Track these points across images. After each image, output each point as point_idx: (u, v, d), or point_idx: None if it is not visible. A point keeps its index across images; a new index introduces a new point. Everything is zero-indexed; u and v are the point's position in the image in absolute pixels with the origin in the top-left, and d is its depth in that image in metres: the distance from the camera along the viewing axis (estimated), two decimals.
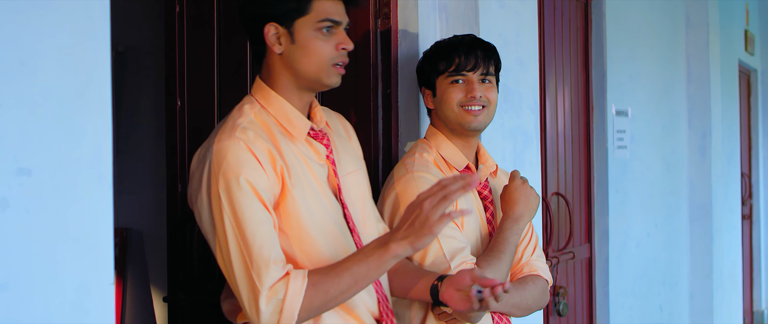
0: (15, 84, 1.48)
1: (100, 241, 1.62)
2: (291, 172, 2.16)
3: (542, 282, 2.69)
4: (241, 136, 2.11)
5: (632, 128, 4.94)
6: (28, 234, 1.50)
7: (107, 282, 1.63)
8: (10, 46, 1.48)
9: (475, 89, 2.64)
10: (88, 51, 1.61)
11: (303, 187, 2.19)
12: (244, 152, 2.10)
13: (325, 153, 2.29)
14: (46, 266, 1.53)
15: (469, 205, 2.65)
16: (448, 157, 2.68)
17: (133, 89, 4.33)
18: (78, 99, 1.59)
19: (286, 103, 2.23)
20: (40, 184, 1.51)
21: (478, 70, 2.65)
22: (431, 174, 2.58)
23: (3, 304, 1.45)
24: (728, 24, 7.11)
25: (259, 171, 2.10)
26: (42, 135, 1.52)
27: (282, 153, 2.17)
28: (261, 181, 2.10)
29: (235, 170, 2.08)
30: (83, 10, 1.60)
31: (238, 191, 2.07)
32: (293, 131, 2.23)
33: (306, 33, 2.19)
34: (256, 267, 2.05)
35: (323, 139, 2.30)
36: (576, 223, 4.41)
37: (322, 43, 2.20)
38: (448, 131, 2.70)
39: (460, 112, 2.65)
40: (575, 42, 4.44)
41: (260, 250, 2.06)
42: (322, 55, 2.20)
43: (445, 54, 2.68)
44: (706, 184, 5.91)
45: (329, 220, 2.24)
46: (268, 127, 2.20)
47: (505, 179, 2.80)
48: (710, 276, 5.90)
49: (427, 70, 2.73)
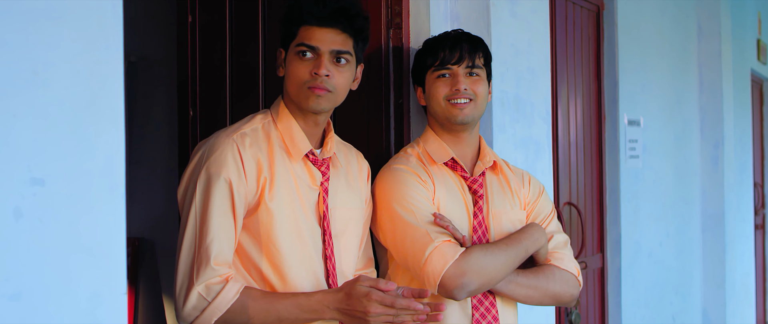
0: (28, 94, 1.48)
1: (112, 251, 1.62)
2: (274, 186, 2.27)
3: (561, 273, 2.66)
4: (237, 139, 2.25)
5: (644, 138, 4.92)
6: (41, 244, 1.50)
7: (120, 292, 1.63)
8: (24, 56, 1.48)
9: (460, 82, 2.66)
10: (101, 61, 1.61)
11: (282, 203, 2.28)
12: (233, 153, 2.22)
13: (319, 180, 2.38)
14: (59, 276, 1.53)
15: (456, 197, 2.66)
16: (432, 152, 2.71)
17: (146, 99, 4.34)
18: (91, 109, 1.59)
19: (294, 123, 2.35)
20: (53, 194, 1.52)
21: (463, 63, 2.67)
22: (408, 166, 2.63)
23: (16, 313, 1.45)
24: (741, 33, 7.09)
25: (241, 175, 2.22)
26: (55, 145, 1.53)
27: (273, 166, 2.28)
28: (239, 185, 2.22)
29: (218, 167, 2.21)
30: (96, 21, 1.60)
31: (216, 185, 2.20)
32: (292, 150, 2.33)
33: (290, 56, 2.34)
34: (199, 260, 2.17)
35: (322, 166, 2.39)
36: (588, 233, 4.40)
37: (296, 66, 2.31)
38: (438, 127, 2.73)
39: (447, 106, 2.67)
40: (587, 51, 4.44)
41: (210, 245, 2.17)
42: (296, 78, 2.31)
43: (432, 50, 2.72)
44: (718, 194, 5.89)
45: (302, 240, 2.32)
46: (270, 140, 2.32)
47: (511, 173, 2.80)
48: (723, 286, 5.87)
49: (417, 67, 2.77)
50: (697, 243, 5.84)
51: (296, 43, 2.32)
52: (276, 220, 2.27)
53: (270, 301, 2.21)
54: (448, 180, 2.68)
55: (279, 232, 2.27)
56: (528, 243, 2.59)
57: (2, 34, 1.45)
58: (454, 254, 2.46)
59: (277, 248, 2.27)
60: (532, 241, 2.60)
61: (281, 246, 2.27)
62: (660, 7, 5.28)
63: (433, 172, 2.66)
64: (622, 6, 4.67)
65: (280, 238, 2.27)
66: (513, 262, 2.55)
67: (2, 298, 1.44)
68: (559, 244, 2.72)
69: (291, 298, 2.22)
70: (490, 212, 2.69)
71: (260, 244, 2.27)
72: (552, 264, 2.67)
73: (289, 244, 2.28)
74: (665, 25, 5.39)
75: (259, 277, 2.27)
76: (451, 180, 2.68)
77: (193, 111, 3.23)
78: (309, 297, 2.22)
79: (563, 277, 2.66)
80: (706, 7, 5.93)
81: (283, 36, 2.37)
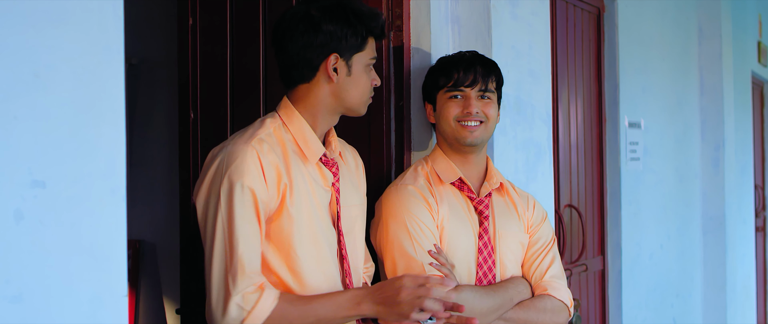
0: (29, 96, 1.49)
1: (113, 253, 1.63)
2: (293, 192, 2.26)
3: (553, 302, 2.70)
4: (256, 145, 2.21)
5: (645, 140, 4.92)
6: (42, 246, 1.50)
7: (120, 294, 1.63)
8: (24, 59, 1.48)
9: (472, 105, 2.68)
10: (102, 63, 1.61)
11: (301, 208, 2.28)
12: (254, 161, 2.19)
13: (331, 180, 2.39)
14: (60, 278, 1.53)
15: (461, 217, 2.69)
16: (440, 171, 2.73)
17: (147, 101, 4.34)
18: (92, 111, 1.59)
19: (306, 126, 2.34)
20: (54, 197, 1.52)
21: (476, 86, 2.70)
22: (416, 186, 2.65)
23: (17, 315, 1.45)
24: (741, 35, 7.09)
25: (262, 182, 2.20)
26: (56, 147, 1.53)
27: (290, 171, 2.26)
28: (262, 192, 2.20)
29: (240, 175, 2.17)
30: (97, 23, 1.60)
31: (239, 195, 2.17)
32: (307, 153, 2.32)
33: (360, 67, 2.35)
34: (233, 270, 2.15)
35: (332, 167, 2.40)
36: (589, 235, 4.40)
37: (367, 78, 2.37)
38: (447, 146, 2.76)
39: (457, 127, 2.69)
40: (588, 54, 4.44)
41: (242, 255, 2.15)
42: (366, 88, 2.39)
43: (445, 70, 2.74)
44: (719, 196, 5.89)
45: (321, 243, 2.32)
46: (284, 144, 2.30)
47: (517, 195, 2.82)
48: (724, 288, 5.87)
49: (428, 85, 2.80)
50: (698, 245, 5.83)
51: (371, 56, 2.40)
52: (296, 225, 2.26)
53: (307, 303, 2.20)
54: (453, 200, 2.70)
55: (299, 237, 2.27)
56: (513, 293, 2.66)
57: (3, 36, 1.45)
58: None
59: (296, 253, 2.27)
60: (517, 292, 2.68)
61: (300, 250, 2.27)
62: (661, 9, 5.28)
63: (440, 192, 2.69)
64: (623, 8, 4.68)
65: (300, 242, 2.28)
66: (498, 308, 2.60)
67: (3, 300, 1.44)
68: (557, 274, 2.78)
69: (327, 298, 2.23)
70: (496, 233, 2.73)
71: (280, 249, 2.26)
72: (547, 293, 2.72)
73: (308, 248, 2.29)
74: (666, 27, 5.39)
75: (278, 282, 2.26)
76: (457, 201, 2.71)
77: (194, 113, 3.23)
78: (343, 294, 2.24)
79: (554, 307, 2.71)
80: (707, 9, 5.93)
81: (349, 45, 2.33)
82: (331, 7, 2.33)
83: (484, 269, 2.69)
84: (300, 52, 2.32)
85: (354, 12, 2.33)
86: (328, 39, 2.31)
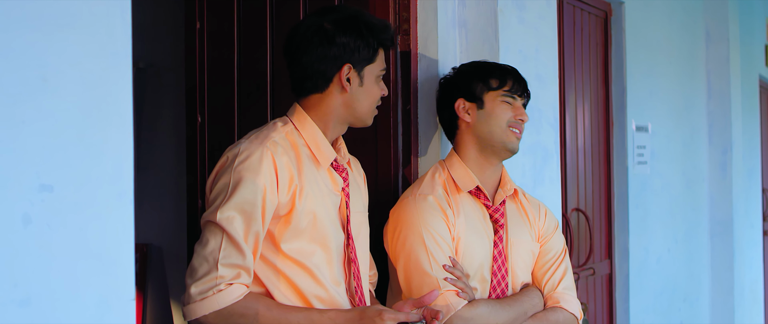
0: (37, 100, 1.49)
1: (120, 257, 1.63)
2: (304, 194, 2.28)
3: (564, 315, 2.72)
4: (271, 147, 2.25)
5: (652, 144, 4.92)
6: (50, 250, 1.50)
7: (128, 298, 1.64)
8: (33, 63, 1.48)
9: (524, 113, 2.72)
10: (110, 67, 1.62)
11: (312, 210, 2.30)
12: (269, 161, 2.23)
13: (341, 185, 2.42)
14: (68, 282, 1.53)
15: (477, 227, 2.68)
16: (457, 179, 2.71)
17: (154, 105, 4.35)
18: (99, 115, 1.59)
19: (318, 132, 2.37)
20: (61, 200, 1.52)
21: (524, 98, 2.75)
22: (434, 195, 2.63)
23: (25, 319, 1.45)
24: (749, 39, 7.07)
25: (274, 183, 2.23)
26: (64, 151, 1.53)
27: (302, 174, 2.30)
28: (271, 193, 2.23)
29: (255, 170, 2.21)
30: (105, 27, 1.60)
31: (250, 186, 2.20)
32: (320, 158, 2.36)
33: (371, 78, 2.40)
34: (224, 253, 2.17)
35: (343, 172, 2.43)
36: (596, 240, 4.39)
37: (377, 88, 2.42)
38: (477, 151, 2.73)
39: (507, 131, 2.70)
40: (595, 57, 4.43)
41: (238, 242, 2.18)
42: (375, 99, 2.43)
43: (497, 73, 2.74)
44: (727, 200, 5.88)
45: (328, 247, 2.33)
46: (297, 148, 2.33)
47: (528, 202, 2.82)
48: (731, 292, 5.85)
49: (474, 83, 2.75)
50: (706, 249, 5.82)
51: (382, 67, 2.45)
52: (306, 226, 2.28)
53: (283, 312, 2.21)
54: (470, 209, 2.69)
55: (309, 240, 2.29)
56: (528, 306, 2.66)
57: (11, 40, 1.46)
58: (457, 304, 2.51)
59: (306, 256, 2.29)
60: (531, 305, 2.68)
61: (310, 254, 2.29)
62: (668, 12, 5.27)
63: (458, 200, 2.68)
64: (630, 12, 4.67)
65: (310, 246, 2.29)
66: (513, 321, 2.61)
67: (11, 304, 1.44)
68: (569, 286, 2.78)
69: (304, 312, 2.23)
70: (510, 241, 2.73)
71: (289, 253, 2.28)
72: (560, 305, 2.72)
73: (317, 249, 2.30)
74: (673, 31, 5.38)
75: (286, 285, 2.27)
76: (473, 209, 2.70)
77: (202, 117, 3.23)
78: (322, 314, 2.24)
79: (566, 320, 2.72)
80: (715, 13, 5.92)
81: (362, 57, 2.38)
82: (344, 19, 2.36)
83: (498, 277, 2.68)
84: (314, 64, 2.35)
85: (366, 25, 2.36)
86: (341, 51, 2.34)
